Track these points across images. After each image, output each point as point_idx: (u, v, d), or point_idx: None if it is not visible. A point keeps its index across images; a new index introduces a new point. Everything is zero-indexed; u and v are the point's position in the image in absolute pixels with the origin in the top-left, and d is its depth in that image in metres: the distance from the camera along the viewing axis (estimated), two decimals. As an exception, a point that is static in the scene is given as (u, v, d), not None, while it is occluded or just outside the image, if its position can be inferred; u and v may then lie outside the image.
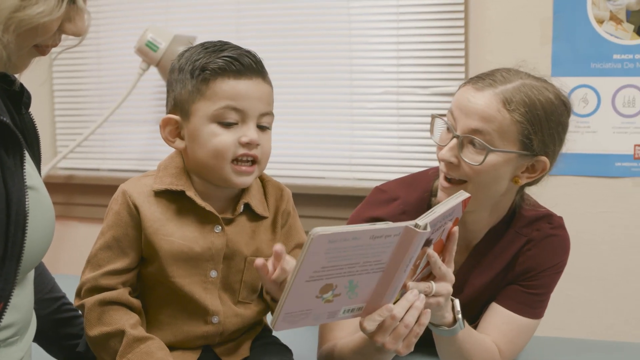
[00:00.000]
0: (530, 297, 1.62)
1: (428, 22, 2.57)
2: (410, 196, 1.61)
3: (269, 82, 1.40)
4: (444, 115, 1.54)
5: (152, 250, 1.38)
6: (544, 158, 1.51)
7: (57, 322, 1.54)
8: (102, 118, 2.89)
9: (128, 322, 1.35)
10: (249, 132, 1.34)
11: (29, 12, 1.11)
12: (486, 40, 2.47)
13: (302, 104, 2.76)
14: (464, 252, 1.65)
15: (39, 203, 1.22)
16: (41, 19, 1.12)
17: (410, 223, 1.20)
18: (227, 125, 1.34)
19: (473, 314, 1.65)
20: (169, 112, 1.40)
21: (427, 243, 1.31)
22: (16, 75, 1.26)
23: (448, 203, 1.33)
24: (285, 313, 1.17)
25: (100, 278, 1.38)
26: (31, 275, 1.31)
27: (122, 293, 1.38)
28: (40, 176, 1.32)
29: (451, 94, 2.53)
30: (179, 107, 1.37)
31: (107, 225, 1.40)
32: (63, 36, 1.24)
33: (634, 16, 2.33)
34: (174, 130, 1.39)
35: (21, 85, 1.28)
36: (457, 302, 1.47)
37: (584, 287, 2.47)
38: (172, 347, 1.40)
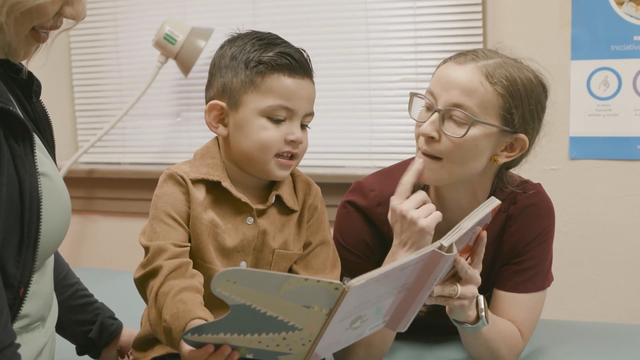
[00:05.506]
0: (527, 272, 1.60)
1: (445, 9, 2.56)
2: (386, 189, 1.59)
3: (313, 83, 1.45)
4: (421, 95, 1.53)
5: (194, 232, 1.39)
6: (523, 136, 1.50)
7: (70, 309, 1.56)
8: (122, 112, 2.90)
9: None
10: (296, 131, 1.40)
11: None
12: (504, 25, 2.45)
13: (320, 93, 2.72)
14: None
15: (52, 189, 1.23)
16: (36, 0, 1.12)
17: (435, 245, 1.20)
18: (276, 121, 1.38)
19: None
20: (213, 97, 1.41)
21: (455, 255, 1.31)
22: (23, 63, 1.26)
23: (475, 215, 1.33)
24: (317, 351, 1.16)
25: (171, 245, 1.36)
26: (50, 262, 1.33)
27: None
28: (56, 163, 1.33)
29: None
30: (227, 94, 1.39)
31: (158, 207, 1.39)
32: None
33: (654, -3, 2.31)
34: (217, 116, 1.41)
35: (30, 73, 1.29)
36: (481, 299, 1.47)
37: (607, 271, 2.45)
38: None
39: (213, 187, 1.41)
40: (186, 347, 1.16)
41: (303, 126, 1.43)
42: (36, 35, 1.19)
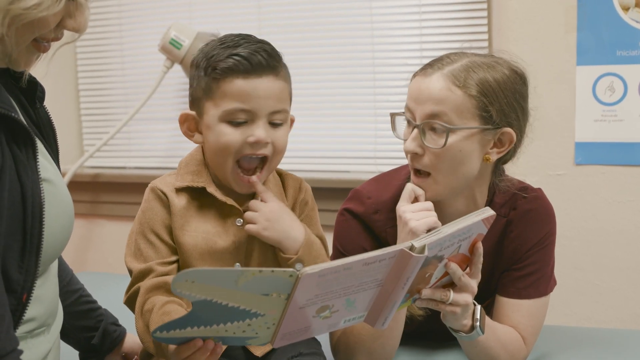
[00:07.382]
0: (528, 278, 1.60)
1: (451, 14, 2.56)
2: (382, 196, 1.61)
3: (283, 78, 1.39)
4: (401, 113, 1.55)
5: (177, 245, 1.41)
6: (508, 129, 1.50)
7: (74, 315, 1.56)
8: (127, 116, 2.91)
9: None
10: (257, 131, 1.35)
11: (23, 4, 1.11)
12: (510, 30, 2.45)
13: (325, 98, 2.75)
14: None
15: (54, 195, 1.24)
16: (38, 13, 1.12)
17: (406, 244, 1.20)
18: (236, 124, 1.36)
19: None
20: (189, 108, 1.43)
21: (439, 259, 1.31)
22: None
23: (460, 222, 1.32)
24: (282, 334, 1.18)
25: (155, 265, 1.40)
26: (54, 267, 1.33)
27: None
28: (59, 169, 1.33)
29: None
30: (195, 103, 1.41)
31: (142, 223, 1.43)
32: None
33: (660, 2, 2.31)
34: (192, 124, 1.42)
35: (34, 79, 1.29)
36: (478, 309, 1.47)
37: (612, 276, 2.44)
38: None
39: (199, 194, 1.42)
40: (171, 346, 1.19)
41: (276, 125, 1.39)
42: (38, 46, 1.19)
